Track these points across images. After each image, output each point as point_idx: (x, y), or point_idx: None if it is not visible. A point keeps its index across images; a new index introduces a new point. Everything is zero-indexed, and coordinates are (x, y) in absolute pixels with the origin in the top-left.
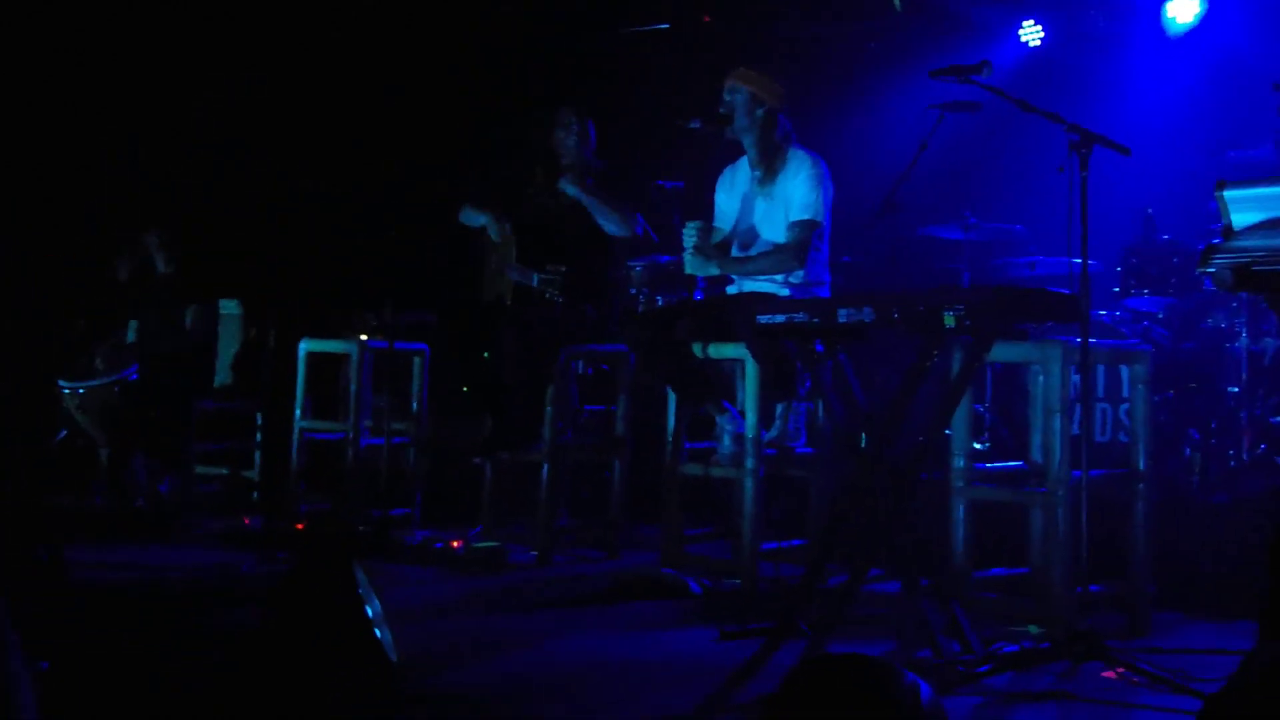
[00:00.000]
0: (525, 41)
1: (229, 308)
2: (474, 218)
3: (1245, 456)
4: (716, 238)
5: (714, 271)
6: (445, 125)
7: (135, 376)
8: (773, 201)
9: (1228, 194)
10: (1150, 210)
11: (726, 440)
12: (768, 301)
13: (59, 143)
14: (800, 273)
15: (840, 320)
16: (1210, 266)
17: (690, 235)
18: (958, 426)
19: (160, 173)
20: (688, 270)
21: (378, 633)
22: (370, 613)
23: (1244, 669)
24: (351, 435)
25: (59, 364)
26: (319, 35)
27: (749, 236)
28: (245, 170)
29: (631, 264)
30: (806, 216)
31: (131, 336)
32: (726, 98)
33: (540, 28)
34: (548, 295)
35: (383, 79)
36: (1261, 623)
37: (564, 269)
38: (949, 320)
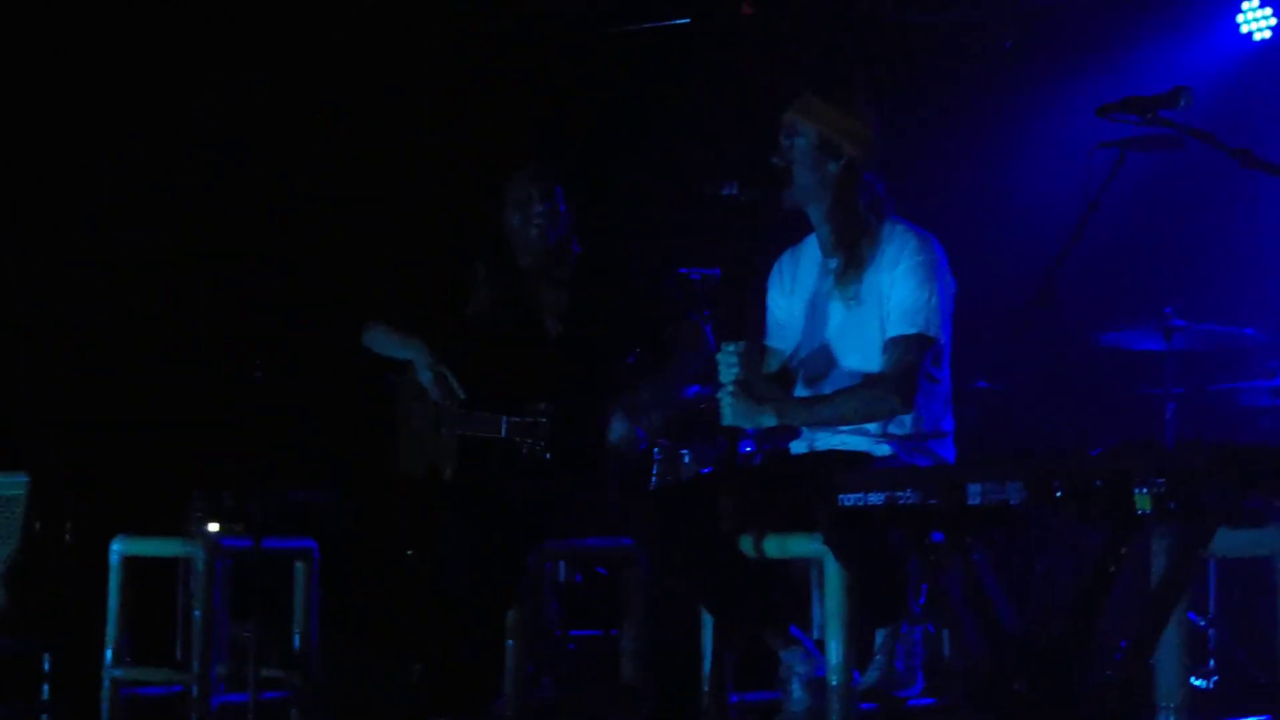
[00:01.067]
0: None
1: (6, 487)
2: (393, 346)
3: None
4: (773, 363)
5: (769, 423)
6: (345, 203)
7: None
8: (860, 307)
9: None
10: None
11: (797, 687)
12: (858, 470)
13: None
14: (907, 419)
15: (972, 501)
16: None
17: (729, 365)
18: (1166, 658)
19: None
20: (726, 421)
21: None
22: None
23: None
24: (196, 690)
25: None
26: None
27: (821, 363)
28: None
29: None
30: (913, 330)
31: None
32: (784, 142)
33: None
34: (525, 451)
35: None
36: None
37: (550, 408)
38: (1143, 502)
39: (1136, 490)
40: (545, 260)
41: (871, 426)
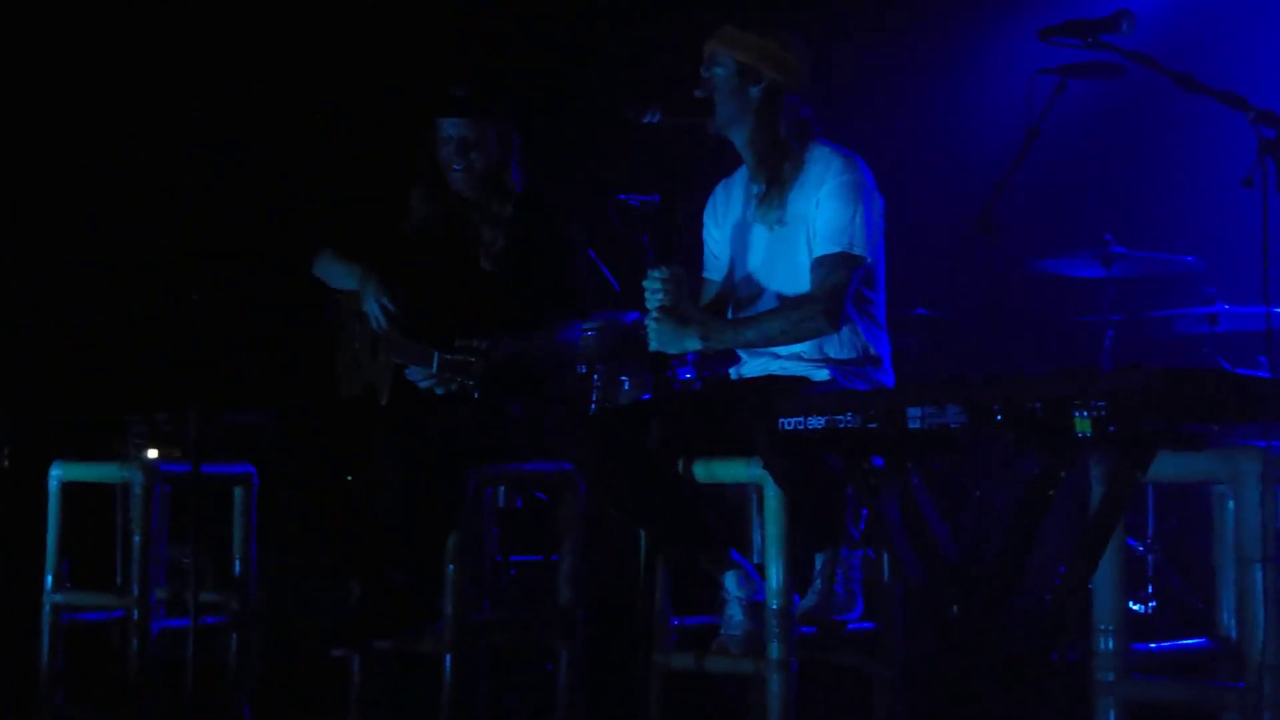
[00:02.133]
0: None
1: None
2: (338, 273)
3: None
4: (709, 293)
5: (693, 346)
6: (283, 130)
7: None
8: (785, 229)
9: None
10: None
11: (736, 611)
12: (795, 393)
13: None
14: (849, 344)
15: (912, 425)
16: None
17: (653, 291)
18: (1104, 581)
19: None
20: (652, 347)
21: None
22: None
23: None
24: (136, 614)
25: None
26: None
27: (751, 289)
28: None
29: (581, 328)
30: (838, 248)
31: None
32: (705, 73)
33: None
34: (455, 386)
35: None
36: None
37: (482, 345)
38: (1083, 425)
39: (1076, 414)
40: (481, 196)
41: (807, 350)
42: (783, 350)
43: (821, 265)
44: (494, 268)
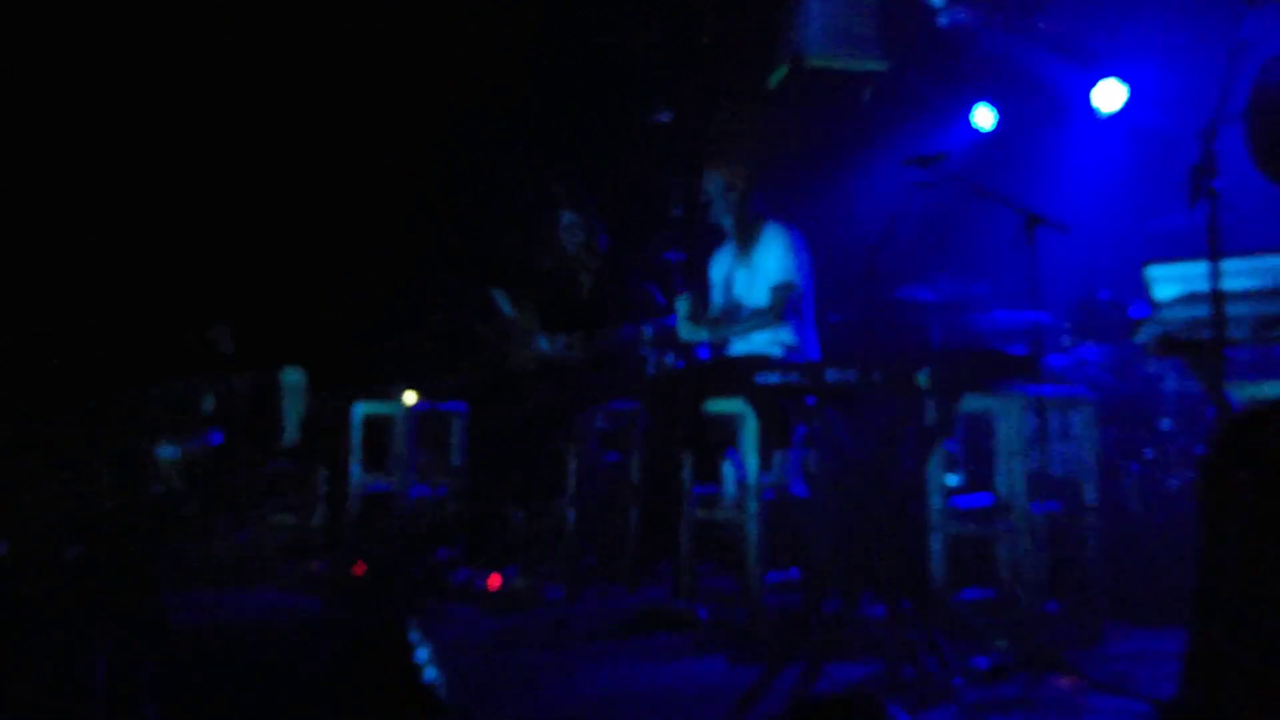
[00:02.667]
0: (546, 127)
1: (294, 377)
2: (504, 300)
3: (1176, 483)
4: (713, 311)
5: (704, 337)
6: (479, 201)
7: (219, 440)
8: (752, 272)
9: (1152, 271)
10: (1090, 270)
11: (730, 485)
12: (765, 364)
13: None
14: (792, 336)
15: (828, 380)
16: (1140, 335)
17: (681, 307)
18: (934, 470)
19: (219, 257)
20: (681, 336)
21: (430, 673)
22: (423, 656)
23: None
24: (401, 487)
25: (153, 426)
26: (361, 104)
27: (734, 303)
28: (299, 256)
29: (643, 327)
30: (783, 280)
31: (208, 408)
32: (705, 186)
33: (560, 120)
34: (569, 357)
35: (403, 155)
36: (1192, 612)
37: (582, 335)
38: (923, 380)
39: (919, 374)
40: (583, 254)
41: (773, 340)
42: (755, 340)
43: (775, 290)
44: (588, 297)
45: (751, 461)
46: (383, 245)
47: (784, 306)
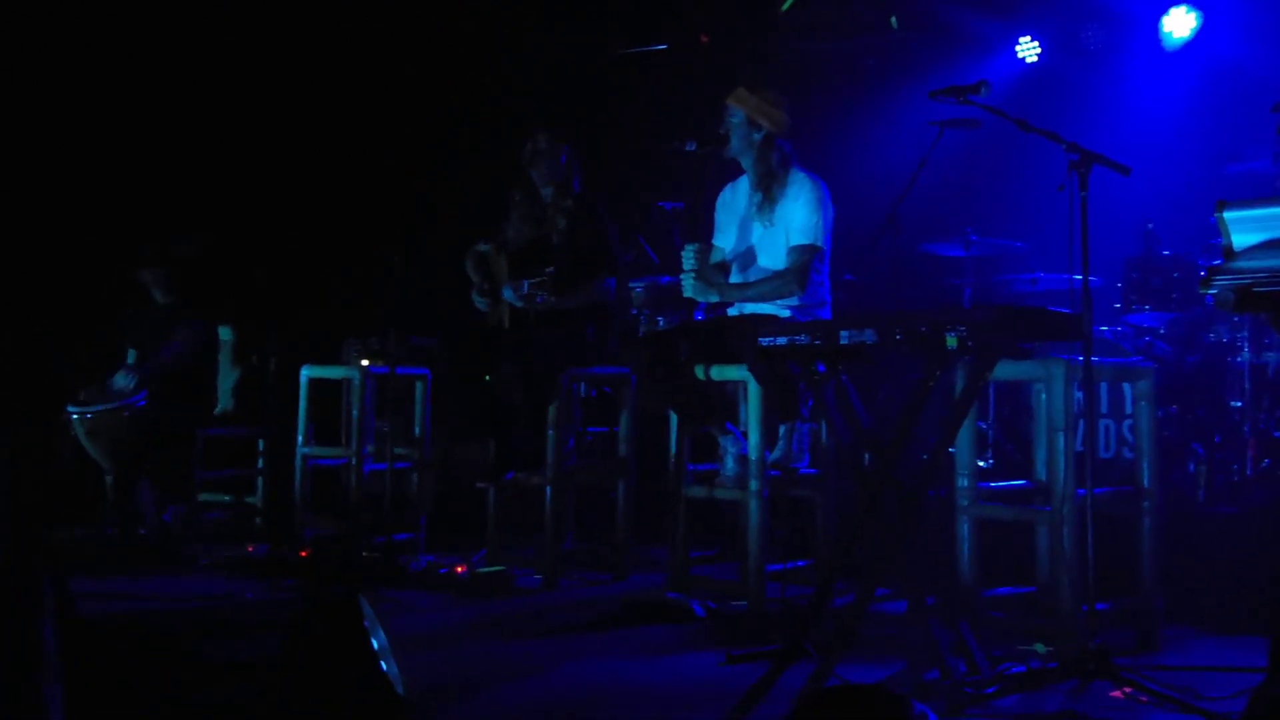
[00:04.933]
0: (520, 64)
1: (224, 334)
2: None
3: (1249, 470)
4: (716, 257)
5: (714, 298)
6: (446, 152)
7: (143, 403)
8: (772, 226)
9: (1228, 215)
10: (1151, 225)
11: (730, 462)
12: (769, 324)
13: (58, 170)
14: (799, 296)
15: (842, 342)
16: (1212, 288)
17: (689, 259)
18: (961, 445)
19: (155, 198)
20: (687, 294)
21: (384, 665)
22: (376, 645)
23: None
24: (354, 461)
25: (65, 390)
26: (314, 60)
27: (747, 259)
28: (241, 196)
29: (632, 285)
30: (805, 241)
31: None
32: (725, 120)
33: (536, 50)
34: (538, 300)
35: (376, 105)
36: (1273, 651)
37: (550, 270)
38: (951, 341)
39: (947, 335)
40: (554, 193)
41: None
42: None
43: (794, 251)
44: (558, 240)
45: (754, 435)
46: (335, 184)
47: (805, 271)
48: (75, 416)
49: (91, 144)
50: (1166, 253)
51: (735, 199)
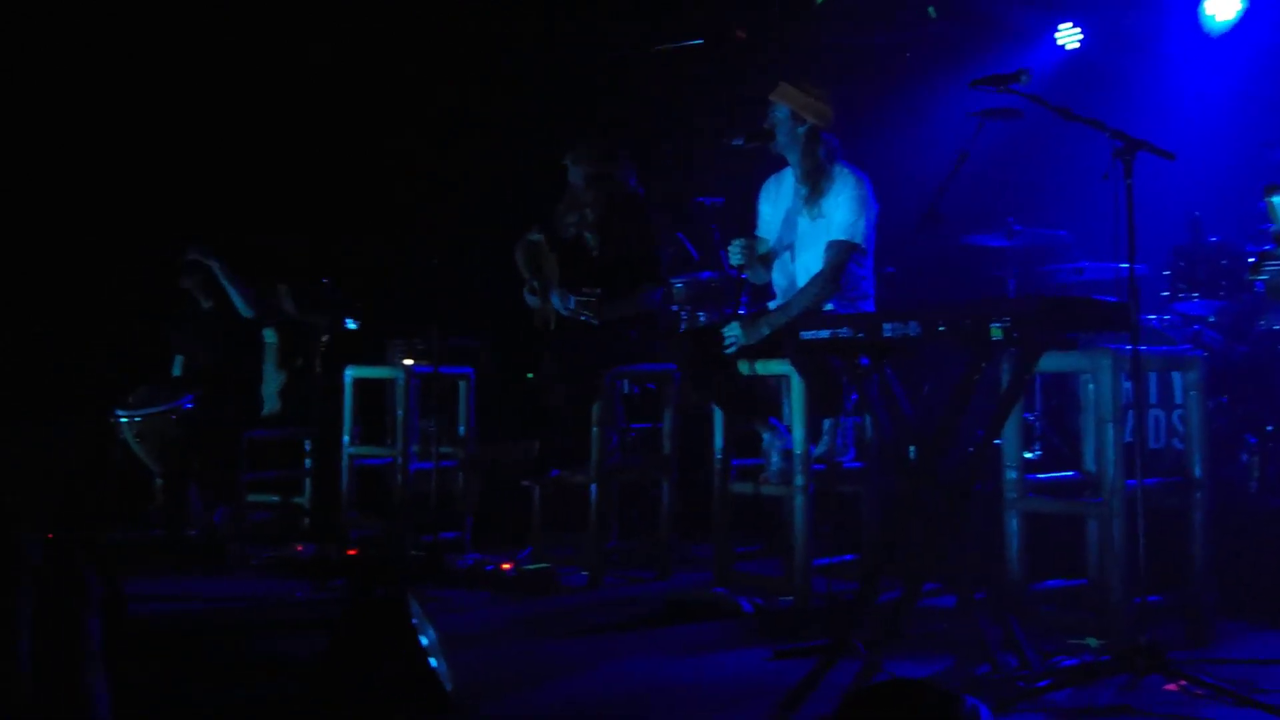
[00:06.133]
0: (561, 63)
1: (269, 337)
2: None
3: None
4: (761, 249)
5: (765, 332)
6: (488, 151)
7: (190, 405)
8: (817, 222)
9: (1276, 199)
10: (1197, 213)
11: (774, 457)
12: (812, 318)
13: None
14: (841, 287)
15: (885, 335)
16: (1262, 274)
17: (736, 254)
18: (1008, 437)
19: (198, 203)
20: (741, 343)
21: (433, 662)
22: (425, 642)
23: None
24: (400, 460)
25: (114, 394)
26: (359, 64)
27: (795, 253)
28: (285, 200)
29: (673, 281)
30: (844, 238)
31: (177, 371)
32: (770, 114)
33: (578, 47)
34: (583, 319)
35: (426, 107)
36: None
37: (599, 292)
38: (996, 333)
39: (992, 326)
40: (584, 182)
41: None
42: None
43: (832, 247)
44: (598, 252)
45: (798, 430)
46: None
47: (841, 269)
48: (124, 420)
49: (135, 149)
50: (1214, 240)
51: (780, 191)
